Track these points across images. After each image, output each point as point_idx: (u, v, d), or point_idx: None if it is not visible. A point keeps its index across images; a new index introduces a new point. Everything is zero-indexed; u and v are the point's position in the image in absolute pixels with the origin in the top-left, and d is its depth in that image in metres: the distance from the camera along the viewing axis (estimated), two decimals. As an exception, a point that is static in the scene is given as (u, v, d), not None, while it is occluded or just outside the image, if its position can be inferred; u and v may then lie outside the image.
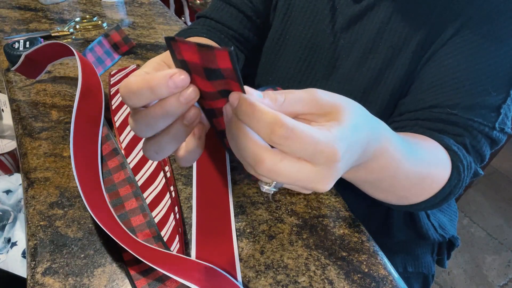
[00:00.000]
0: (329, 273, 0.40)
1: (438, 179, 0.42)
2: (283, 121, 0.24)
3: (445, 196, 0.43)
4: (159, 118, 0.27)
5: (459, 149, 0.43)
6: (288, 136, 0.24)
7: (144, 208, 0.43)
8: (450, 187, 0.42)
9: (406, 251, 0.63)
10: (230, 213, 0.45)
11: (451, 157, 0.43)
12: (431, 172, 0.41)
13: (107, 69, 0.70)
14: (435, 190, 0.42)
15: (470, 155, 0.45)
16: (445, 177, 0.42)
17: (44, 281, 0.37)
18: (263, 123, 0.25)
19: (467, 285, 1.35)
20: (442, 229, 0.62)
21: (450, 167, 0.42)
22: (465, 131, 0.44)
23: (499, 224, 1.57)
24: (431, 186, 0.42)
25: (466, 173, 0.43)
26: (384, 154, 0.33)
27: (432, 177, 0.41)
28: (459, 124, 0.44)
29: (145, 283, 0.37)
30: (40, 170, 0.48)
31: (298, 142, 0.24)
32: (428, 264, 0.64)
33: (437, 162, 0.42)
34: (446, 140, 0.43)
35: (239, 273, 0.39)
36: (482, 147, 0.45)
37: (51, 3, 0.91)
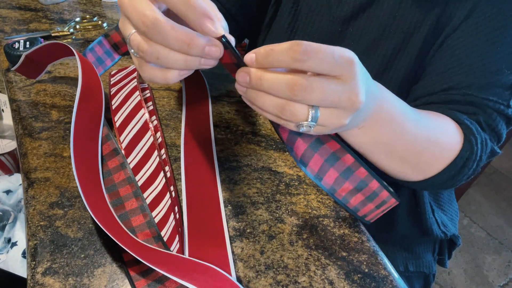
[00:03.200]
0: (329, 273, 0.40)
1: (448, 148, 0.42)
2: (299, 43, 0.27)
3: (459, 169, 0.42)
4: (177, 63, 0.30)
5: (472, 123, 0.43)
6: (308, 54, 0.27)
7: (144, 208, 0.43)
8: (462, 158, 0.42)
9: (408, 250, 0.63)
10: (221, 212, 0.45)
11: (463, 130, 0.43)
12: (441, 139, 0.41)
13: (107, 69, 0.70)
14: (447, 160, 0.42)
15: (486, 132, 0.45)
16: (455, 147, 0.42)
17: (44, 281, 0.37)
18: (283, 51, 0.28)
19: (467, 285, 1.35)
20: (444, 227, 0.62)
21: (461, 139, 0.42)
22: (479, 110, 0.44)
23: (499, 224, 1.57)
24: (442, 154, 0.42)
25: (479, 147, 0.43)
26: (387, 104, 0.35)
27: (442, 144, 0.41)
28: (474, 104, 0.44)
29: (145, 284, 0.37)
30: (40, 170, 0.48)
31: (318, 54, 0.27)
32: (429, 263, 0.64)
33: (445, 130, 0.42)
34: (458, 115, 0.44)
35: (233, 272, 0.39)
36: (497, 125, 0.45)
37: (51, 3, 0.91)
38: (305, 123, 0.30)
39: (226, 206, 0.46)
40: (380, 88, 0.35)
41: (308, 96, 0.28)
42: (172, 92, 0.64)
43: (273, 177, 0.50)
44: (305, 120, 0.30)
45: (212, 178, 0.49)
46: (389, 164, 0.42)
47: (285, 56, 0.28)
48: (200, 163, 0.50)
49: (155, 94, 0.64)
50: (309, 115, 0.30)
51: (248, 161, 0.52)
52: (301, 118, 0.30)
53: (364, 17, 0.51)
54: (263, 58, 0.29)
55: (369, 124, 0.35)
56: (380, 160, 0.42)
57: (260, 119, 0.60)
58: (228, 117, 0.60)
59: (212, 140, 0.54)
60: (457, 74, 0.46)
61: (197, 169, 0.49)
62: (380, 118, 0.35)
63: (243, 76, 0.30)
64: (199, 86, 0.62)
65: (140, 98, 0.54)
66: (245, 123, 0.59)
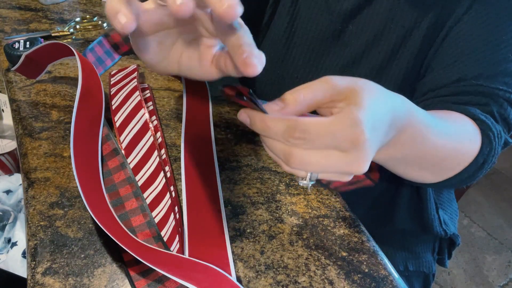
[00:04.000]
0: (329, 273, 0.40)
1: (469, 149, 0.41)
2: (296, 124, 0.26)
3: (479, 166, 0.42)
4: None
5: (487, 117, 0.43)
6: (305, 136, 0.26)
7: (144, 208, 0.43)
8: (483, 156, 0.42)
9: (407, 249, 0.63)
10: (221, 212, 0.45)
11: (479, 126, 0.42)
12: (461, 142, 0.41)
13: (107, 69, 0.70)
14: (467, 161, 0.42)
15: (499, 123, 0.44)
16: (476, 146, 0.41)
17: (44, 281, 0.37)
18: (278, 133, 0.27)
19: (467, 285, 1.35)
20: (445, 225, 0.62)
21: (480, 136, 0.42)
22: (490, 100, 0.44)
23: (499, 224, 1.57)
24: (463, 157, 0.41)
25: (497, 141, 0.42)
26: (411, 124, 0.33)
27: (463, 147, 0.41)
28: (485, 94, 0.44)
29: (145, 284, 0.37)
30: (40, 170, 0.48)
31: (317, 138, 0.26)
32: (429, 263, 0.64)
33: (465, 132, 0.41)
34: (472, 110, 0.43)
35: (233, 272, 0.39)
36: (509, 115, 0.45)
37: (51, 3, 0.91)
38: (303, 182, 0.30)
39: (226, 206, 0.46)
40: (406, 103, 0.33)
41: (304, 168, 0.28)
42: (172, 92, 0.64)
43: (273, 177, 0.50)
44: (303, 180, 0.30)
45: (212, 178, 0.49)
46: (408, 172, 0.42)
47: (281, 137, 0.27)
48: (200, 163, 0.50)
49: (155, 94, 0.64)
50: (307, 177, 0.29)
51: (248, 161, 0.52)
52: (299, 175, 0.30)
53: (364, 14, 0.51)
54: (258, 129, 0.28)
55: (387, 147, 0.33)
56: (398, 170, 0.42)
57: (260, 119, 0.60)
58: (228, 117, 0.60)
59: (212, 140, 0.54)
60: (465, 65, 0.45)
61: (197, 169, 0.49)
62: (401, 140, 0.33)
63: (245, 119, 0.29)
64: (199, 86, 0.62)
65: (140, 98, 0.54)
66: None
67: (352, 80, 0.29)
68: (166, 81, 0.67)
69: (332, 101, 0.28)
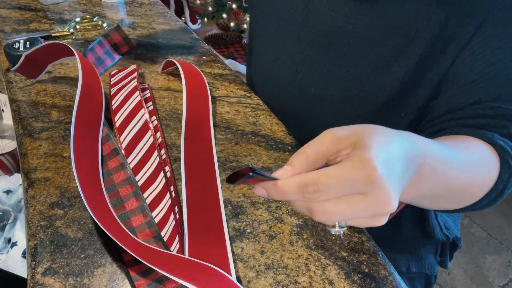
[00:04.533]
0: (329, 273, 0.40)
1: (489, 177, 0.41)
2: (307, 180, 0.26)
3: (499, 192, 0.42)
4: None
5: (505, 142, 0.42)
6: (318, 188, 0.26)
7: (144, 208, 0.43)
8: (502, 182, 0.41)
9: (410, 251, 0.63)
10: (221, 212, 0.45)
11: (498, 152, 0.42)
12: (481, 171, 0.40)
13: (107, 69, 0.70)
14: (487, 189, 0.41)
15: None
16: (494, 173, 0.41)
17: (44, 281, 0.37)
18: (293, 193, 0.27)
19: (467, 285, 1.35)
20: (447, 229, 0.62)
21: (498, 163, 0.41)
22: (509, 122, 0.44)
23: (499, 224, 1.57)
24: (482, 185, 0.41)
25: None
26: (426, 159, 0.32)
27: (483, 176, 0.41)
28: (504, 116, 0.44)
29: (145, 284, 0.37)
30: (40, 170, 0.48)
31: (331, 187, 0.26)
32: (431, 264, 0.64)
33: (484, 160, 0.41)
34: (490, 136, 0.43)
35: (233, 272, 0.39)
36: None
37: (51, 3, 0.91)
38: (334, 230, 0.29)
39: (226, 206, 0.46)
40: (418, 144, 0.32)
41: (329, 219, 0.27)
42: (172, 92, 0.64)
43: (273, 177, 0.50)
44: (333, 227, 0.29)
45: (212, 178, 0.49)
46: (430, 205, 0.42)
47: (297, 196, 0.27)
48: (200, 163, 0.50)
49: (155, 94, 0.64)
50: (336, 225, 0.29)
51: (248, 161, 0.52)
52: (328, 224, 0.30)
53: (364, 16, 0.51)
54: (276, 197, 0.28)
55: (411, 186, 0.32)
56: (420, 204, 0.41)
57: (260, 119, 0.60)
58: (228, 117, 0.60)
59: (212, 140, 0.54)
60: (482, 87, 0.44)
61: (197, 169, 0.49)
62: (422, 176, 0.33)
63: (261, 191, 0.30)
64: (199, 86, 0.62)
65: (140, 98, 0.54)
66: (245, 123, 0.59)
67: (353, 127, 0.29)
68: (166, 81, 0.67)
69: (338, 151, 0.28)
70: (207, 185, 0.47)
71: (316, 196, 0.26)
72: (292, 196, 0.27)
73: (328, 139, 0.28)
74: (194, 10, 2.55)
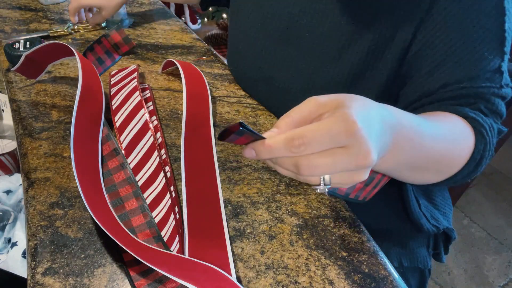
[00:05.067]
0: (329, 273, 0.40)
1: (465, 147, 0.43)
2: (292, 134, 0.28)
3: (478, 162, 0.44)
4: None
5: (477, 114, 0.44)
6: (303, 141, 0.28)
7: (145, 208, 0.43)
8: (479, 152, 0.43)
9: (401, 245, 0.63)
10: (221, 212, 0.45)
11: (471, 124, 0.44)
12: (456, 141, 0.42)
13: (107, 69, 0.70)
14: (465, 159, 0.43)
15: (488, 117, 0.46)
16: (470, 144, 0.43)
17: (44, 281, 0.37)
18: (280, 148, 0.29)
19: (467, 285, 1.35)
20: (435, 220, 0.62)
21: (472, 133, 0.43)
22: (477, 99, 0.45)
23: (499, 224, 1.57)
24: (460, 154, 0.43)
25: (490, 134, 0.44)
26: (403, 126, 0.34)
27: (458, 146, 0.42)
28: (471, 95, 0.46)
29: (145, 284, 0.37)
30: (41, 170, 0.48)
31: (315, 140, 0.28)
32: (423, 258, 0.64)
33: (458, 131, 0.43)
34: (460, 109, 0.45)
35: (233, 272, 0.39)
36: (497, 106, 0.46)
37: (51, 3, 0.91)
38: (319, 187, 0.31)
39: (226, 206, 0.46)
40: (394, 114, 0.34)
41: (314, 172, 0.29)
42: (172, 92, 0.64)
43: (273, 177, 0.50)
44: (318, 185, 0.31)
45: (212, 178, 0.49)
46: (411, 176, 0.43)
47: (284, 151, 0.29)
48: (200, 163, 0.50)
49: (155, 94, 0.64)
50: (321, 181, 0.30)
51: (248, 161, 0.52)
52: (313, 182, 0.31)
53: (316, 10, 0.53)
54: (264, 155, 0.30)
55: (389, 153, 0.34)
56: (402, 176, 0.43)
57: (260, 119, 0.60)
58: (228, 117, 0.60)
59: (212, 140, 0.54)
60: (445, 70, 0.46)
61: (197, 169, 0.49)
62: (400, 144, 0.35)
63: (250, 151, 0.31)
64: (199, 86, 0.62)
65: (140, 98, 0.54)
66: (245, 123, 0.59)
67: (335, 95, 0.31)
68: (166, 81, 0.67)
69: (320, 114, 0.30)
70: (207, 185, 0.47)
71: (301, 150, 0.28)
72: (280, 152, 0.29)
73: (311, 103, 0.30)
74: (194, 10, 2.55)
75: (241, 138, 0.30)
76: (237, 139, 0.30)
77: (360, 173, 0.30)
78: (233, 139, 0.30)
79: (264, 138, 0.30)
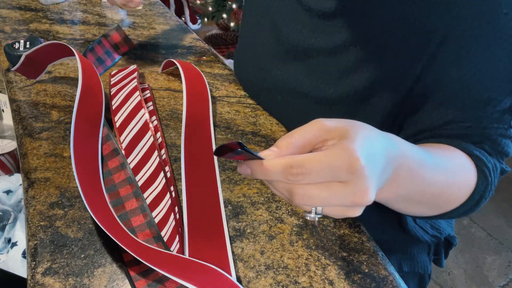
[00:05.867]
0: (329, 274, 0.40)
1: (465, 185, 0.42)
2: (292, 161, 0.27)
3: (476, 202, 0.43)
4: None
5: (481, 153, 0.43)
6: (302, 171, 0.27)
7: (145, 208, 0.43)
8: (479, 192, 0.42)
9: (402, 250, 0.63)
10: (221, 212, 0.45)
11: (474, 162, 0.42)
12: (457, 178, 0.41)
13: (108, 69, 0.70)
14: (463, 196, 0.42)
15: (493, 156, 0.45)
16: (471, 182, 0.42)
17: (44, 281, 0.37)
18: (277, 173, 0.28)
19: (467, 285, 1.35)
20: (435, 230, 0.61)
21: (475, 172, 0.42)
22: (483, 139, 0.44)
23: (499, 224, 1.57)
24: (459, 192, 0.42)
25: (492, 175, 0.43)
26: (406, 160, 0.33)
27: (459, 183, 0.41)
28: (476, 135, 0.44)
29: (145, 284, 0.37)
30: (41, 170, 0.48)
31: (314, 171, 0.27)
32: (424, 263, 0.64)
33: (461, 168, 0.41)
34: (466, 146, 0.43)
35: (233, 272, 0.39)
36: (503, 147, 0.45)
37: (51, 3, 0.91)
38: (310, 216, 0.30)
39: (226, 206, 0.46)
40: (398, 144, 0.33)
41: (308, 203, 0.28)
42: (172, 92, 0.64)
43: (273, 177, 0.50)
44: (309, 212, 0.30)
45: (212, 178, 0.49)
46: (407, 208, 0.42)
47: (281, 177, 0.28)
48: (200, 163, 0.50)
49: (155, 94, 0.64)
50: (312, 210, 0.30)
51: (248, 161, 0.52)
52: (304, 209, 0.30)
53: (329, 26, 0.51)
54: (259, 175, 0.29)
55: (389, 185, 0.33)
56: (398, 207, 0.42)
57: (260, 119, 0.60)
58: (228, 117, 0.60)
59: (212, 140, 0.54)
60: (451, 107, 0.45)
61: (197, 169, 0.49)
62: (400, 176, 0.33)
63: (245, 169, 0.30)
64: (199, 86, 0.62)
65: (140, 98, 0.54)
66: (245, 123, 0.59)
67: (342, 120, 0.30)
68: (166, 81, 0.67)
69: (324, 140, 0.29)
70: (207, 185, 0.47)
71: (298, 179, 0.27)
72: (276, 176, 0.28)
73: (316, 127, 0.29)
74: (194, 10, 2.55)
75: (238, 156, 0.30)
76: (234, 157, 0.30)
77: (355, 209, 0.29)
78: (230, 157, 0.30)
79: (262, 159, 0.29)
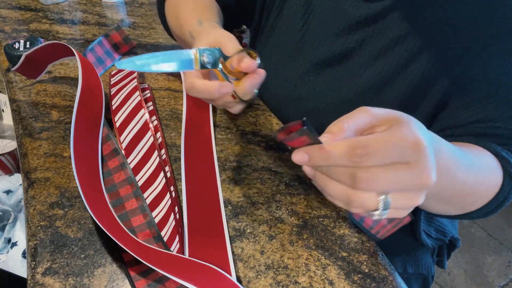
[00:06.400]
0: (329, 273, 0.40)
1: (491, 186, 0.41)
2: (356, 141, 0.26)
3: (500, 203, 0.42)
4: None
5: (508, 154, 0.43)
6: (367, 151, 0.25)
7: (144, 208, 0.43)
8: (504, 193, 0.42)
9: (407, 252, 0.63)
10: (221, 212, 0.45)
11: (500, 163, 0.42)
12: (484, 179, 0.40)
13: (108, 69, 0.70)
14: (488, 197, 0.42)
15: None
16: (497, 183, 0.42)
17: (44, 281, 0.37)
18: (340, 156, 0.26)
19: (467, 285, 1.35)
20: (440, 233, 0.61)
21: (501, 173, 0.42)
22: (510, 140, 0.44)
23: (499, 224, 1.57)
24: (485, 193, 0.42)
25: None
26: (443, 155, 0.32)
27: (486, 184, 0.41)
28: (504, 136, 0.44)
29: (145, 284, 0.37)
30: (41, 170, 0.48)
31: (379, 151, 0.25)
32: (428, 265, 0.64)
33: (488, 168, 0.41)
34: (493, 146, 0.43)
35: (233, 272, 0.39)
36: None
37: (51, 3, 0.91)
38: (377, 212, 0.28)
39: (226, 206, 0.46)
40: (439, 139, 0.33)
41: (373, 187, 0.26)
42: (172, 92, 0.64)
43: (273, 177, 0.50)
44: (376, 209, 0.28)
45: (212, 178, 0.49)
46: (435, 206, 0.42)
47: (344, 160, 0.26)
48: (200, 163, 0.50)
49: (155, 94, 0.64)
50: (379, 203, 0.27)
51: (248, 161, 0.52)
52: (370, 207, 0.28)
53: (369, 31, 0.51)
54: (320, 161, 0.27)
55: None
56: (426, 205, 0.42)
57: (260, 119, 0.60)
58: (228, 117, 0.60)
59: (212, 140, 0.54)
60: (482, 107, 0.45)
61: (197, 169, 0.49)
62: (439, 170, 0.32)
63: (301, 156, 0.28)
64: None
65: (140, 98, 0.54)
66: (245, 123, 0.59)
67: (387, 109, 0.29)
68: (166, 81, 0.67)
69: (373, 127, 0.28)
70: (207, 185, 0.47)
71: (363, 160, 0.25)
72: (339, 159, 0.26)
73: (367, 115, 0.28)
74: (194, 10, 2.54)
75: (298, 139, 0.28)
76: (294, 139, 0.28)
77: (419, 195, 0.28)
78: (290, 139, 0.28)
79: (321, 143, 0.27)
